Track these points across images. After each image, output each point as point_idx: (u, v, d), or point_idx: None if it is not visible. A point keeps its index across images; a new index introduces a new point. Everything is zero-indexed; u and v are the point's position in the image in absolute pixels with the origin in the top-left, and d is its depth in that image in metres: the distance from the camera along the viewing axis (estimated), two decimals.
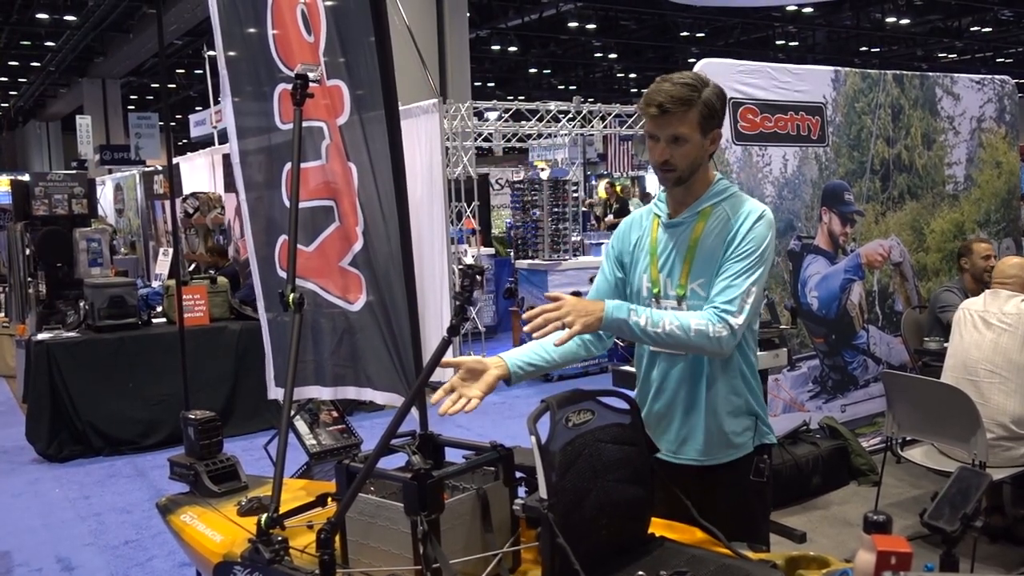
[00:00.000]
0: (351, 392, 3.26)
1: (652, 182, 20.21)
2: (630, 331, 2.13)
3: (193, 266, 9.77)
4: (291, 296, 2.56)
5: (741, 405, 2.31)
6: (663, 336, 2.12)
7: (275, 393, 3.63)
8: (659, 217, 2.36)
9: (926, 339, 5.06)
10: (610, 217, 16.17)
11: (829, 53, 23.37)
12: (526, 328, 2.08)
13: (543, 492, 1.79)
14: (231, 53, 3.52)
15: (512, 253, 10.42)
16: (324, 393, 3.36)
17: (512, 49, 22.91)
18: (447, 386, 2.16)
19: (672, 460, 2.32)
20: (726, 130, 4.87)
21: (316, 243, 3.21)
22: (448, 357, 2.04)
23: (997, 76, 6.67)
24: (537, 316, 2.07)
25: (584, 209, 14.70)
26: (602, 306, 2.12)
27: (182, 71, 24.69)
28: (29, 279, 8.61)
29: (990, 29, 22.08)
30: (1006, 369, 4.01)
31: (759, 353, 2.83)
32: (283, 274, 3.27)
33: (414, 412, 2.63)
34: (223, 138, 11.45)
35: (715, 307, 2.15)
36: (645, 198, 18.74)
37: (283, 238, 3.37)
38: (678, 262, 2.28)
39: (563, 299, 2.09)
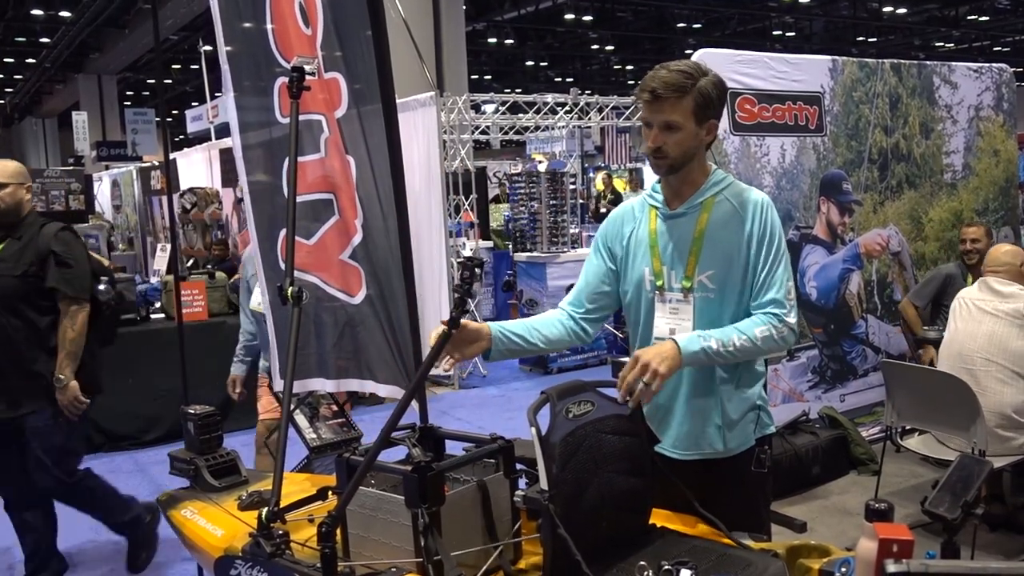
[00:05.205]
0: (354, 384, 3.26)
1: (649, 174, 20.14)
2: (707, 357, 2.13)
3: (191, 261, 9.77)
4: (290, 290, 2.56)
5: (747, 397, 2.30)
6: (735, 352, 2.15)
7: (279, 386, 3.63)
8: (656, 208, 2.33)
9: (925, 328, 5.06)
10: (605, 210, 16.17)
11: (826, 43, 23.34)
12: (619, 399, 2.03)
13: (544, 484, 1.79)
14: (231, 48, 3.50)
15: (511, 246, 10.42)
16: (327, 386, 3.36)
17: (508, 42, 22.87)
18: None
19: (675, 456, 2.30)
20: (724, 120, 4.85)
21: (316, 236, 3.20)
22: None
23: (995, 64, 6.65)
24: (623, 385, 2.03)
25: (583, 201, 14.69)
26: (673, 345, 2.09)
27: (178, 66, 24.64)
28: None
29: (987, 18, 22.06)
30: (1003, 358, 4.00)
31: None
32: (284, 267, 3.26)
33: (414, 405, 2.63)
34: (220, 133, 11.52)
35: (766, 312, 2.19)
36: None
37: (284, 232, 3.35)
38: (683, 254, 2.25)
39: (638, 356, 2.07)
